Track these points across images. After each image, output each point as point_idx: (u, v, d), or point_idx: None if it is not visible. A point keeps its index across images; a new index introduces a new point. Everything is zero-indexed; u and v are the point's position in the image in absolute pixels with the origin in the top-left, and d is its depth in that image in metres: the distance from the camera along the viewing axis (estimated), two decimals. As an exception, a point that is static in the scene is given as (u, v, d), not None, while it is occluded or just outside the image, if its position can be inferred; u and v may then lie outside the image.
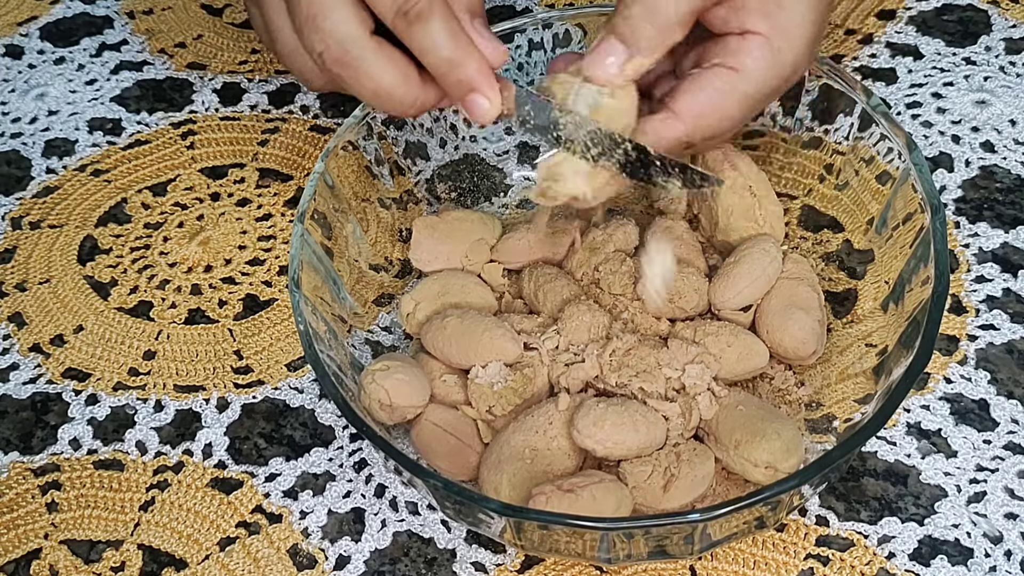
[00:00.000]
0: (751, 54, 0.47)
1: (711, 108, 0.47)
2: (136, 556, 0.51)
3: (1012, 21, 0.71)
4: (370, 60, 0.46)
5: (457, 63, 0.46)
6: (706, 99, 0.47)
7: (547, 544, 0.46)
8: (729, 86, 0.47)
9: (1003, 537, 0.49)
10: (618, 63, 0.46)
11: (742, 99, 0.48)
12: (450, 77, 0.46)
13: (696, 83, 0.48)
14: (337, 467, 0.54)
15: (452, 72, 0.46)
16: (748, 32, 0.48)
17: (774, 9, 0.47)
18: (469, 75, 0.46)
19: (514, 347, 0.52)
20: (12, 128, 0.72)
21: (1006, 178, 0.63)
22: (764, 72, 0.48)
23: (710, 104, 0.47)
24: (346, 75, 0.46)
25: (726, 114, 0.48)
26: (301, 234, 0.52)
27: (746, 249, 0.54)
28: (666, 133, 0.47)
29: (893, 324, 0.50)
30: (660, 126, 0.47)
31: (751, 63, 0.47)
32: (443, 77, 0.46)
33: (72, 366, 0.59)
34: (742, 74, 0.47)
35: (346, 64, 0.46)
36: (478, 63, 0.46)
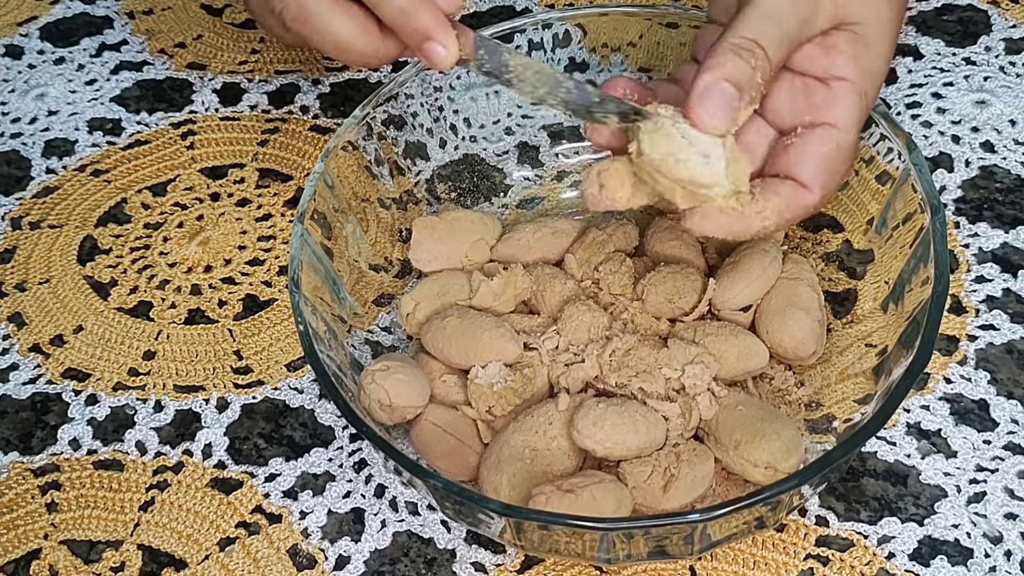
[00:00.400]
0: (843, 105, 0.48)
1: (829, 171, 0.48)
2: (136, 556, 0.51)
3: (1012, 21, 0.71)
4: (327, 16, 0.47)
5: (411, 12, 0.47)
6: (824, 164, 0.47)
7: (547, 544, 0.46)
8: (834, 143, 0.48)
9: (1003, 537, 0.49)
10: (729, 119, 0.45)
11: (848, 151, 0.48)
12: (406, 27, 0.47)
13: (807, 152, 0.47)
14: (337, 467, 0.54)
15: (407, 22, 0.47)
16: (834, 78, 0.47)
17: (862, 52, 0.48)
18: (424, 24, 0.47)
19: (514, 347, 0.52)
20: (12, 128, 0.72)
21: (1006, 178, 0.63)
22: (857, 117, 0.48)
23: (828, 167, 0.48)
24: (306, 32, 0.48)
25: (840, 171, 0.48)
26: (301, 234, 0.52)
27: (746, 249, 0.54)
28: (799, 204, 0.47)
29: (893, 324, 0.50)
30: (795, 198, 0.47)
31: (845, 114, 0.48)
32: (400, 28, 0.47)
33: (72, 366, 0.59)
34: (841, 128, 0.48)
35: (305, 22, 0.48)
36: (432, 11, 0.47)
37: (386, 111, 0.58)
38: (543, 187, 0.63)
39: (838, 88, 0.48)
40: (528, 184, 0.63)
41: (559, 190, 0.63)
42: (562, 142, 0.64)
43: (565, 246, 0.57)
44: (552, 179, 0.64)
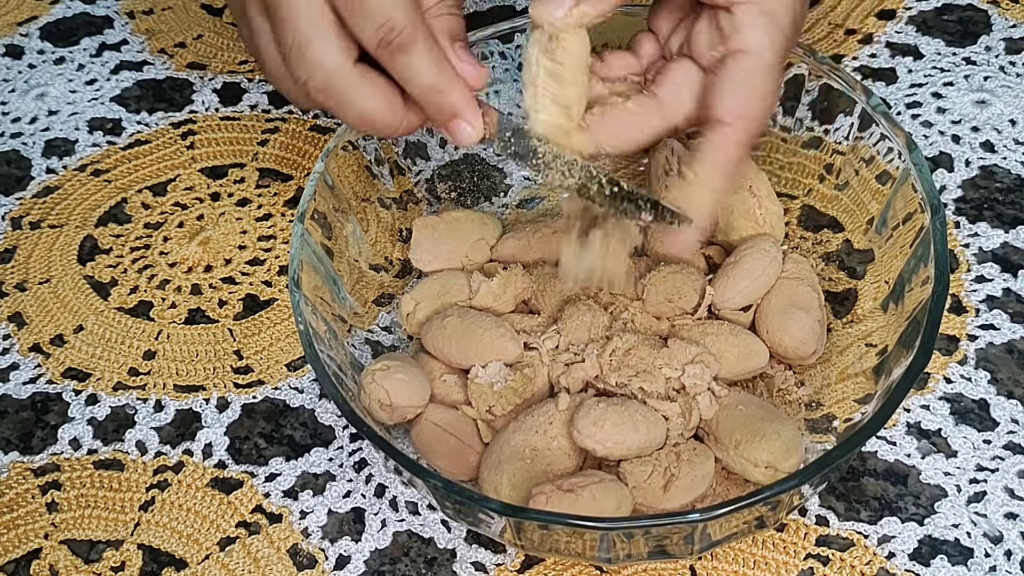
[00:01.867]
0: (750, 28, 0.47)
1: (741, 99, 0.48)
2: (136, 556, 0.51)
3: (1012, 21, 0.71)
4: (354, 89, 0.47)
5: (440, 90, 0.47)
6: (738, 93, 0.48)
7: (547, 544, 0.46)
8: (749, 70, 0.48)
9: (1003, 537, 0.49)
10: (564, 7, 0.47)
11: (762, 74, 0.48)
12: (433, 104, 0.47)
13: (720, 83, 0.48)
14: (337, 467, 0.54)
15: (435, 99, 0.47)
16: (735, 3, 0.47)
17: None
18: (452, 101, 0.47)
19: (514, 347, 0.52)
20: (12, 128, 0.72)
21: (1006, 178, 0.63)
22: (767, 39, 0.48)
23: (745, 97, 0.48)
24: (331, 103, 0.47)
25: (762, 96, 0.48)
26: (301, 234, 0.52)
27: (746, 249, 0.54)
28: (725, 143, 0.48)
29: (893, 324, 0.50)
30: (718, 139, 0.48)
31: (754, 37, 0.47)
32: (427, 104, 0.47)
33: (72, 366, 0.59)
34: (753, 53, 0.47)
35: (331, 93, 0.47)
36: (460, 90, 0.47)
37: (386, 111, 0.58)
38: (543, 187, 0.63)
39: (741, 11, 0.47)
40: (528, 184, 0.64)
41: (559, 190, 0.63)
42: (562, 142, 0.64)
43: (565, 246, 0.57)
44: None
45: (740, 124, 0.47)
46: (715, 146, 0.48)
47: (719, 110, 0.48)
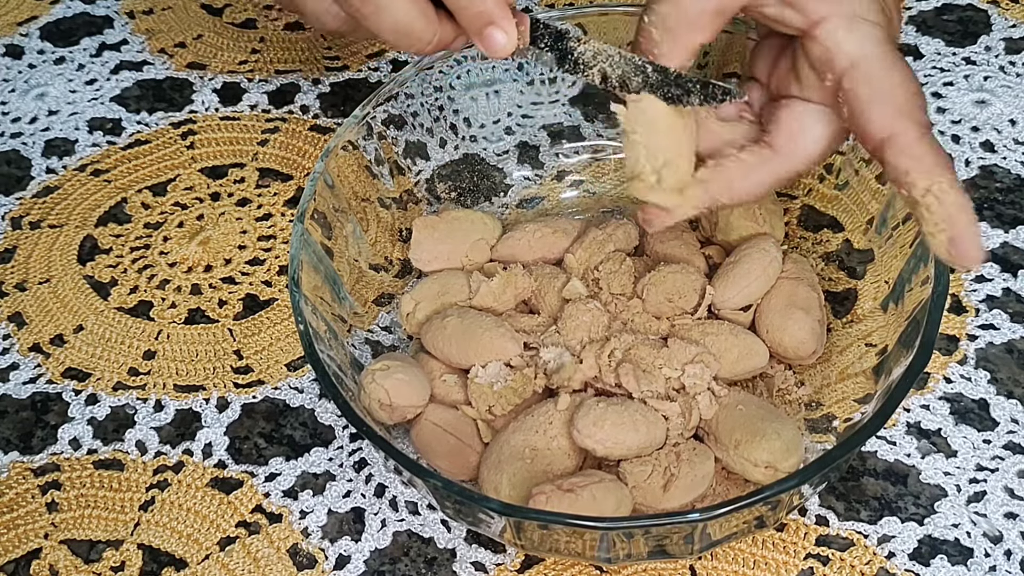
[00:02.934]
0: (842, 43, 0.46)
1: (891, 103, 0.45)
2: (136, 556, 0.51)
3: (1012, 21, 0.71)
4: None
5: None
6: (878, 105, 0.45)
7: (547, 544, 0.46)
8: (868, 79, 0.46)
9: (1003, 537, 0.49)
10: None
11: (888, 67, 0.46)
12: (468, 11, 0.47)
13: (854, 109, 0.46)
14: (337, 467, 0.54)
15: (470, 6, 0.47)
16: (812, 27, 0.46)
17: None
18: (487, 8, 0.47)
19: (514, 347, 0.52)
20: (12, 128, 0.72)
21: (1006, 178, 0.63)
22: (867, 36, 0.46)
23: (887, 102, 0.45)
24: (367, 11, 0.48)
25: (901, 86, 0.46)
26: (301, 234, 0.52)
27: (746, 249, 0.54)
28: (909, 148, 0.45)
29: (893, 324, 0.50)
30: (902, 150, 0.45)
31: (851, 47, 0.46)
32: (461, 11, 0.47)
33: (72, 366, 0.59)
34: (860, 60, 0.46)
35: (365, 2, 0.47)
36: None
37: (386, 111, 0.58)
38: (543, 187, 0.63)
39: (823, 32, 0.46)
40: (528, 184, 0.64)
41: (559, 190, 0.63)
42: (562, 142, 0.64)
43: (565, 246, 0.57)
44: (552, 179, 0.64)
45: (902, 125, 0.45)
46: (907, 157, 0.45)
47: (875, 133, 0.45)
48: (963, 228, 0.44)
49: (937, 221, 0.44)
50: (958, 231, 0.44)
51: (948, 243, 0.44)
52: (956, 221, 0.44)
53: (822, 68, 0.46)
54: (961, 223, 0.44)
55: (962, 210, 0.44)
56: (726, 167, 0.48)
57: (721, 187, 0.48)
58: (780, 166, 0.48)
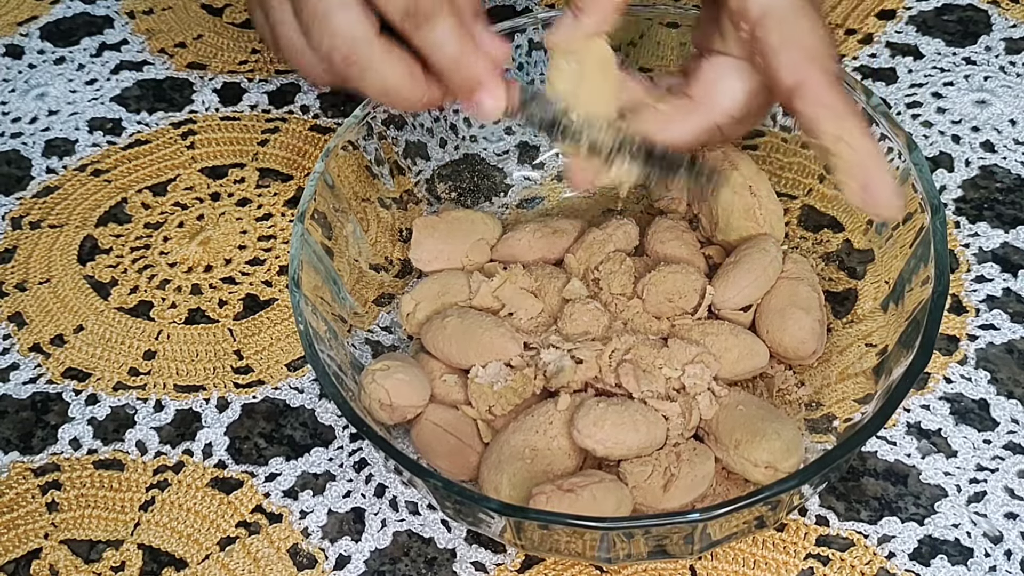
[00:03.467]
0: None
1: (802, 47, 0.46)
2: (136, 556, 0.51)
3: (1012, 21, 0.71)
4: (378, 59, 0.47)
5: (463, 62, 0.47)
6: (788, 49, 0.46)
7: (547, 544, 0.46)
8: (780, 24, 0.46)
9: (1003, 537, 0.49)
10: (569, 26, 0.47)
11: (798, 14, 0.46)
12: (457, 76, 0.47)
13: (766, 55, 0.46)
14: (337, 467, 0.54)
15: (459, 71, 0.47)
16: None
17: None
18: (475, 74, 0.47)
19: (514, 347, 0.52)
20: (12, 128, 0.72)
21: (1006, 178, 0.63)
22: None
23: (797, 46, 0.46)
24: (354, 73, 0.47)
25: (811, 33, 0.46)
26: (301, 234, 0.52)
27: (746, 249, 0.54)
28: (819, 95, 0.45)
29: (893, 324, 0.50)
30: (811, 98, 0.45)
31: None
32: (450, 76, 0.47)
33: (72, 366, 0.59)
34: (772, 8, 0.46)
35: (354, 63, 0.47)
36: (483, 61, 0.47)
37: (386, 111, 0.58)
38: (543, 187, 0.63)
39: None
40: (528, 184, 0.64)
41: (559, 190, 0.63)
42: (562, 142, 0.64)
43: (565, 246, 0.57)
44: (552, 179, 0.64)
45: (811, 72, 0.45)
46: (816, 104, 0.45)
47: (784, 79, 0.45)
48: (875, 174, 0.44)
49: (848, 168, 0.44)
50: (870, 177, 0.44)
51: (861, 190, 0.44)
52: (867, 167, 0.44)
53: (737, 19, 0.47)
54: (873, 169, 0.44)
55: (873, 156, 0.44)
56: (644, 119, 0.49)
57: None
58: (698, 117, 0.49)
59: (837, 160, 0.45)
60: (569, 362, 0.50)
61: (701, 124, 0.49)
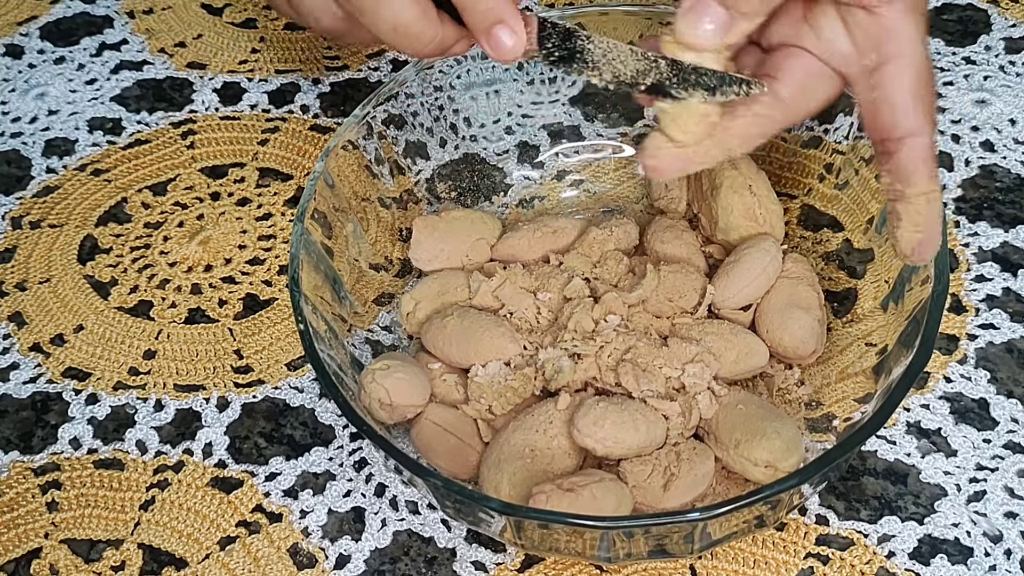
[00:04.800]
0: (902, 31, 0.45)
1: (926, 108, 0.46)
2: (136, 555, 0.51)
3: (1012, 20, 0.71)
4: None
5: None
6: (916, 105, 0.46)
7: (547, 543, 0.46)
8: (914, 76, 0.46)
9: (1003, 536, 0.49)
10: (718, 27, 0.44)
11: (930, 73, 0.46)
12: (476, 7, 0.45)
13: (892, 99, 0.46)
14: (337, 466, 0.54)
15: (477, 2, 0.45)
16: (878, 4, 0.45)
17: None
18: (494, 4, 0.45)
19: (514, 347, 0.52)
20: (12, 128, 0.72)
21: (1006, 177, 0.63)
22: (921, 34, 0.46)
23: (923, 106, 0.46)
24: (365, 7, 0.46)
25: (934, 95, 0.47)
26: (301, 233, 0.52)
27: (746, 248, 0.54)
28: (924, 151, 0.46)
29: (893, 323, 0.50)
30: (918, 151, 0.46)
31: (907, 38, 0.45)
32: (468, 8, 0.45)
33: (72, 365, 0.59)
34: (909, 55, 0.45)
35: (368, 2, 0.46)
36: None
37: (386, 110, 0.58)
38: (543, 187, 0.63)
39: (889, 13, 0.45)
40: (528, 184, 0.64)
41: (559, 190, 0.63)
42: (562, 141, 0.64)
43: (565, 246, 0.57)
44: (552, 179, 0.64)
45: (927, 128, 0.46)
46: (918, 157, 0.46)
47: (901, 127, 0.45)
48: (935, 233, 0.47)
49: (919, 223, 0.46)
50: (930, 235, 0.47)
51: (917, 244, 0.47)
52: (932, 227, 0.47)
53: (869, 44, 0.46)
54: (935, 228, 0.47)
55: (940, 218, 0.47)
56: (740, 122, 0.46)
57: (737, 140, 0.47)
58: (784, 118, 0.48)
59: (912, 211, 0.46)
60: (568, 362, 0.50)
61: (783, 125, 0.48)
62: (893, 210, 0.47)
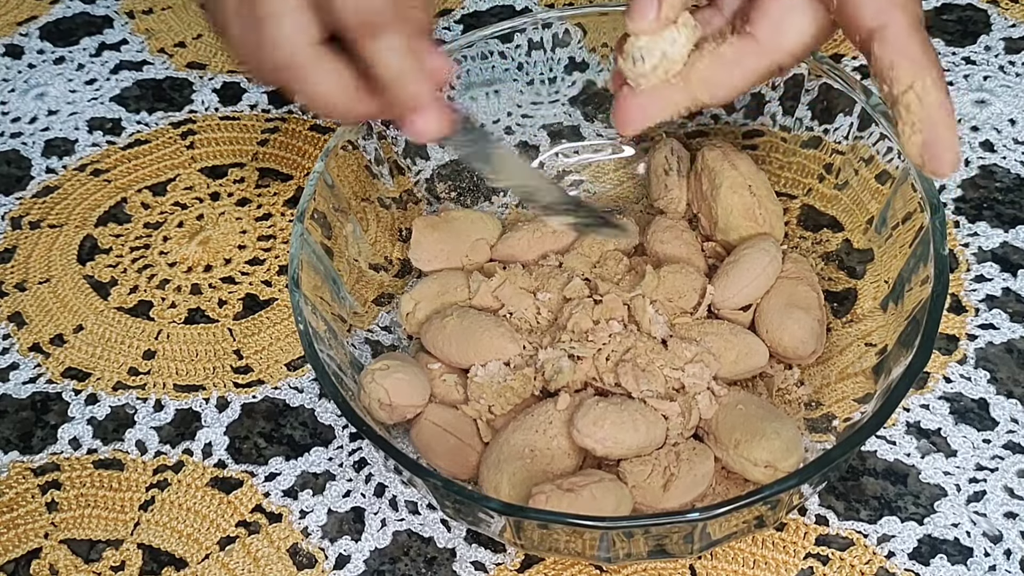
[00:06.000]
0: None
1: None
2: (136, 555, 0.51)
3: (1012, 21, 0.71)
4: (313, 69, 0.46)
5: (408, 79, 0.45)
6: None
7: (547, 543, 0.46)
8: None
9: (1002, 536, 0.49)
10: (653, 8, 0.44)
11: None
12: (398, 92, 0.45)
13: None
14: (337, 466, 0.54)
15: (401, 87, 0.45)
16: None
17: None
18: (417, 91, 0.45)
19: (514, 347, 0.52)
20: (12, 128, 0.72)
21: (1006, 177, 0.63)
22: None
23: None
24: (290, 80, 0.46)
25: None
26: (301, 234, 0.52)
27: (746, 248, 0.54)
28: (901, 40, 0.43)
29: (893, 323, 0.50)
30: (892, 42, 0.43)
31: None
32: (392, 91, 0.45)
33: (72, 366, 0.59)
34: None
35: (291, 70, 0.46)
36: (426, 82, 0.45)
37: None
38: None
39: None
40: (528, 184, 0.63)
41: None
42: (562, 142, 0.64)
43: (565, 246, 0.57)
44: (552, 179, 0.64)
45: (895, 15, 0.43)
46: (895, 49, 0.43)
47: (866, 21, 0.43)
48: (940, 131, 0.42)
49: (915, 121, 0.42)
50: (934, 134, 0.42)
51: (922, 146, 0.42)
52: (934, 123, 0.42)
53: None
54: (939, 126, 0.42)
55: (942, 112, 0.42)
56: (706, 65, 0.46)
57: (702, 86, 0.46)
58: (762, 59, 0.46)
59: (903, 111, 0.42)
60: (568, 362, 0.50)
61: (765, 66, 0.47)
62: (893, 118, 0.43)
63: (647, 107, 0.47)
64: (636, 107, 0.47)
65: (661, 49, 0.46)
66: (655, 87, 0.46)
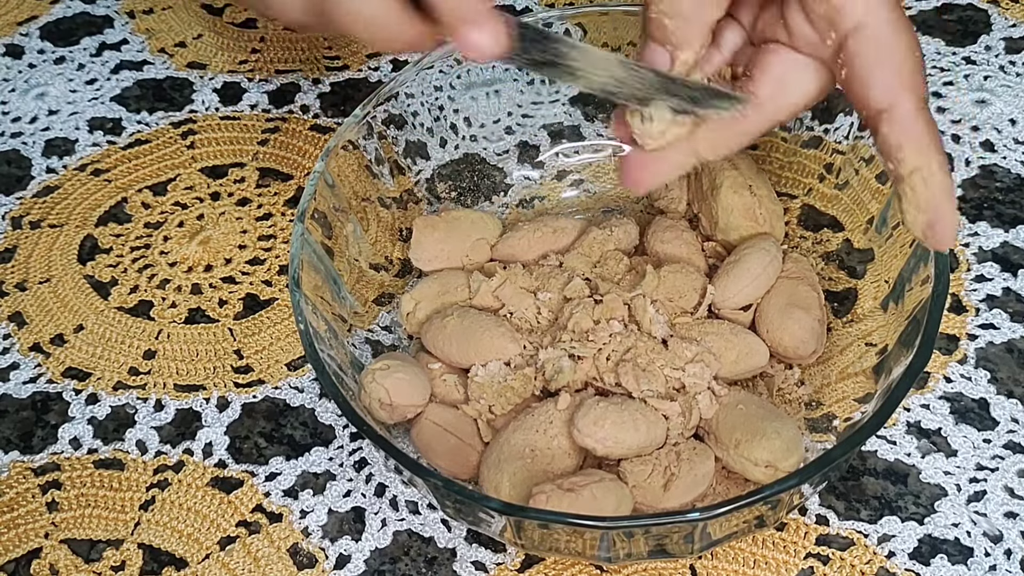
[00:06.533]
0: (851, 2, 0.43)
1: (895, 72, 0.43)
2: (136, 555, 0.51)
3: (1012, 20, 0.71)
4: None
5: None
6: (881, 72, 0.43)
7: (547, 543, 0.46)
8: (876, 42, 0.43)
9: (1003, 536, 0.49)
10: (665, 67, 0.44)
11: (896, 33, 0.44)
12: (446, 4, 0.43)
13: (857, 73, 0.44)
14: (337, 466, 0.54)
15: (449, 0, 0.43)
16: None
17: None
18: (466, 3, 0.43)
19: (514, 347, 0.52)
20: (12, 128, 0.72)
21: (1006, 177, 0.63)
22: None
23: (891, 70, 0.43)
24: (333, 5, 0.44)
25: (906, 55, 0.44)
26: (301, 233, 0.52)
27: (746, 248, 0.54)
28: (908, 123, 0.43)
29: (893, 323, 0.50)
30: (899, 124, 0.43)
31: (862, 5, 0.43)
32: (438, 5, 0.43)
33: (72, 365, 0.59)
34: (871, 22, 0.43)
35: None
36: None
37: (386, 110, 0.58)
38: (543, 187, 0.63)
39: None
40: (528, 183, 0.64)
41: (559, 190, 0.63)
42: (562, 141, 0.64)
43: (565, 246, 0.57)
44: (552, 179, 0.64)
45: (903, 97, 0.43)
46: (903, 132, 0.43)
47: (875, 101, 0.43)
48: (944, 213, 0.43)
49: (920, 203, 0.43)
50: (939, 216, 0.43)
51: (926, 225, 0.43)
52: (939, 205, 0.43)
53: (825, 25, 0.44)
54: (943, 208, 0.43)
55: (946, 195, 0.43)
56: (710, 125, 0.45)
57: (706, 145, 0.46)
58: (764, 117, 0.46)
59: (908, 190, 0.43)
60: (568, 362, 0.50)
61: (766, 125, 0.46)
62: (896, 193, 0.44)
63: (655, 168, 0.46)
64: (644, 168, 0.46)
65: (670, 116, 0.45)
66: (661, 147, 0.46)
